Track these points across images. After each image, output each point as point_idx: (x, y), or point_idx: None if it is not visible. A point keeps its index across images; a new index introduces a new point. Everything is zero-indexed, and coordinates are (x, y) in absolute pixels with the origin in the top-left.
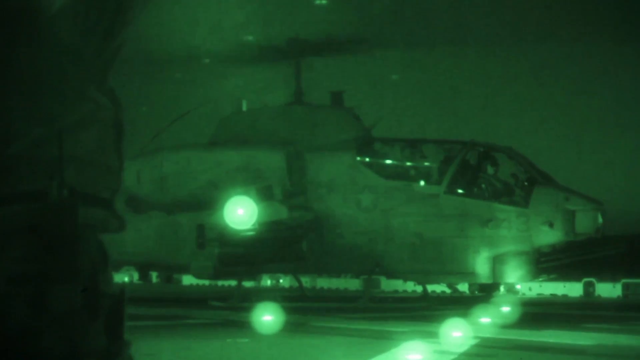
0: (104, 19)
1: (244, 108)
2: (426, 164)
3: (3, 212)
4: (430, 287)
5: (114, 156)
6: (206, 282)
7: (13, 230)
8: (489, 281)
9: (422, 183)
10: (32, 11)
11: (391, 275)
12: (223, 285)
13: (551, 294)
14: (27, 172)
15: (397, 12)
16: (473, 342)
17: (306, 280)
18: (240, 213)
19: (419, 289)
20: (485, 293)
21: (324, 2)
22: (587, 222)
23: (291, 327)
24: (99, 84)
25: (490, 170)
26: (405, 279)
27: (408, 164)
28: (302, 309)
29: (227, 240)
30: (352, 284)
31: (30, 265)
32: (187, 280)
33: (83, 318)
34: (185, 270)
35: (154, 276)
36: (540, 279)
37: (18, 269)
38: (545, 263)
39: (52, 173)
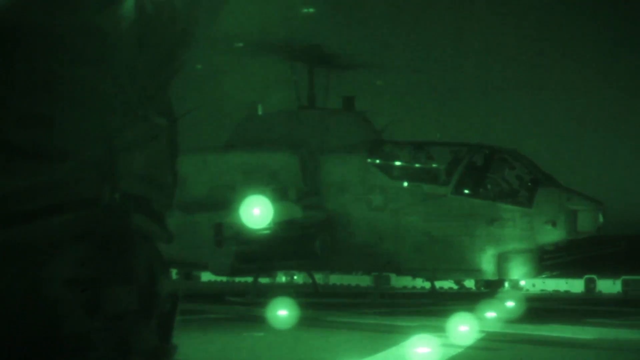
0: (166, 42)
1: (260, 111)
2: (434, 165)
3: (58, 220)
4: (438, 284)
5: (168, 173)
6: (224, 279)
7: (68, 237)
8: (494, 278)
9: (430, 184)
10: (97, 31)
11: (400, 272)
12: (240, 282)
13: (554, 290)
14: (84, 186)
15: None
16: (479, 336)
17: (319, 277)
18: (256, 213)
19: (427, 285)
20: (490, 289)
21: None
22: (588, 221)
23: (305, 322)
24: (155, 104)
25: (495, 171)
26: (414, 276)
27: (417, 165)
28: (316, 304)
29: (244, 239)
30: (363, 280)
31: (84, 269)
32: (206, 276)
33: (137, 319)
34: (204, 267)
35: (174, 273)
36: (544, 276)
37: (73, 273)
38: (548, 260)
39: (106, 180)
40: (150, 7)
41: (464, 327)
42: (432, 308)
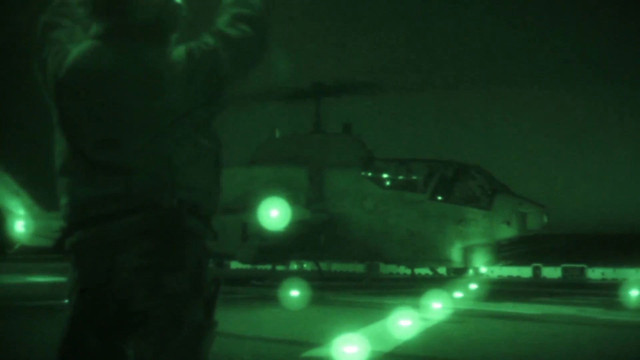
0: (212, 82)
1: (277, 135)
2: (414, 177)
3: (128, 220)
4: (417, 270)
5: (214, 185)
6: (248, 267)
7: (136, 233)
8: (461, 266)
9: (411, 192)
10: (156, 73)
11: (387, 261)
12: (261, 269)
13: (507, 276)
14: (148, 194)
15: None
16: (449, 311)
17: (324, 265)
18: (274, 215)
19: (409, 271)
20: (458, 275)
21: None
22: (535, 221)
23: (312, 300)
24: (203, 131)
25: (462, 182)
26: (398, 264)
27: (400, 177)
28: (320, 287)
29: (264, 235)
30: (358, 267)
31: (148, 259)
32: (234, 265)
33: (188, 298)
34: (233, 257)
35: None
36: (500, 264)
37: (139, 261)
38: (503, 252)
39: (166, 190)
40: (197, 54)
41: (437, 305)
42: (412, 290)
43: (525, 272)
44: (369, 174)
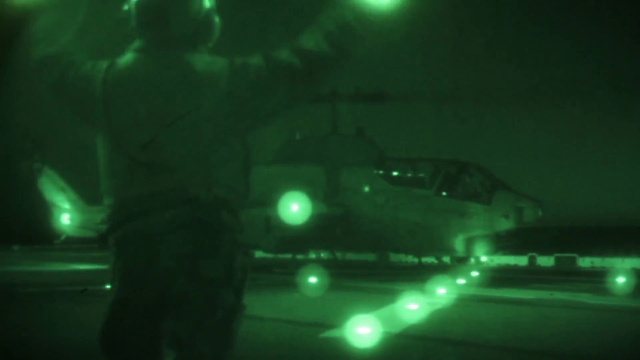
0: (252, 98)
1: (297, 137)
2: (421, 175)
3: (169, 213)
4: (423, 259)
5: (243, 184)
6: (270, 255)
7: (176, 225)
8: (464, 255)
9: (418, 188)
10: (198, 83)
11: (397, 251)
12: (282, 258)
13: (506, 264)
14: (187, 190)
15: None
16: (453, 296)
17: (339, 254)
18: (294, 208)
19: (416, 260)
20: (461, 263)
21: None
22: (531, 214)
23: (329, 286)
24: (236, 136)
25: (465, 179)
26: (407, 254)
27: (408, 175)
28: (336, 274)
29: (285, 227)
30: (370, 257)
31: (187, 247)
32: (258, 254)
33: (221, 283)
34: (257, 247)
35: None
36: (498, 254)
37: (179, 249)
38: (502, 243)
39: (203, 187)
40: (240, 67)
41: (441, 290)
42: (419, 276)
43: (521, 260)
44: (380, 172)
